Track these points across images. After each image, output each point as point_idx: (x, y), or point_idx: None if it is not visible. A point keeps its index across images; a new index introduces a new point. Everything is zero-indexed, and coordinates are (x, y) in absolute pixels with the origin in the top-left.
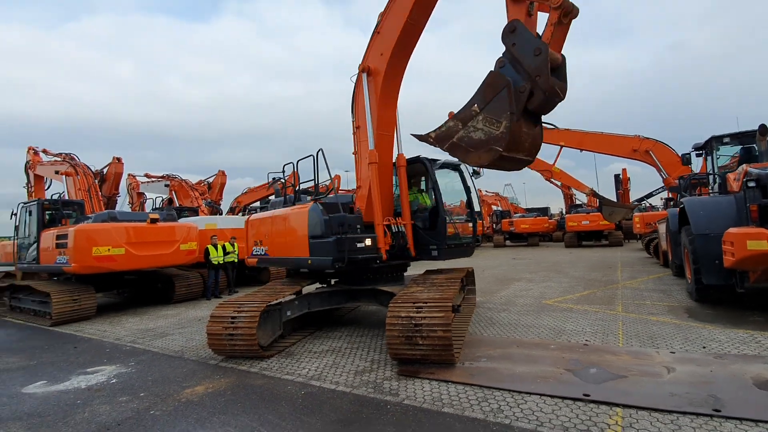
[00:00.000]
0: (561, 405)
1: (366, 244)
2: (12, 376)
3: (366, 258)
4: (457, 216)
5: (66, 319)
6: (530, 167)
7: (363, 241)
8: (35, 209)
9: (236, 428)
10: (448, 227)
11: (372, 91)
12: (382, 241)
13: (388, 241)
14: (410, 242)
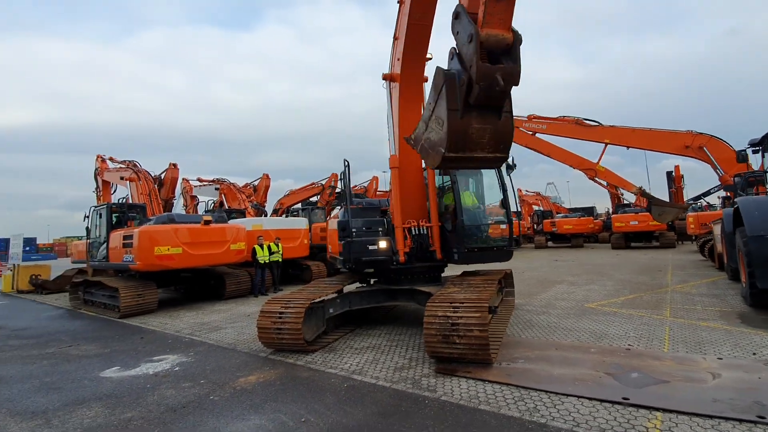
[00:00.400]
0: (599, 407)
1: (379, 246)
2: (91, 362)
3: (379, 260)
4: (495, 216)
5: (132, 312)
6: (573, 166)
7: (376, 244)
8: (105, 212)
9: (286, 415)
10: (474, 229)
11: (394, 96)
12: (401, 244)
13: (409, 244)
14: (436, 244)
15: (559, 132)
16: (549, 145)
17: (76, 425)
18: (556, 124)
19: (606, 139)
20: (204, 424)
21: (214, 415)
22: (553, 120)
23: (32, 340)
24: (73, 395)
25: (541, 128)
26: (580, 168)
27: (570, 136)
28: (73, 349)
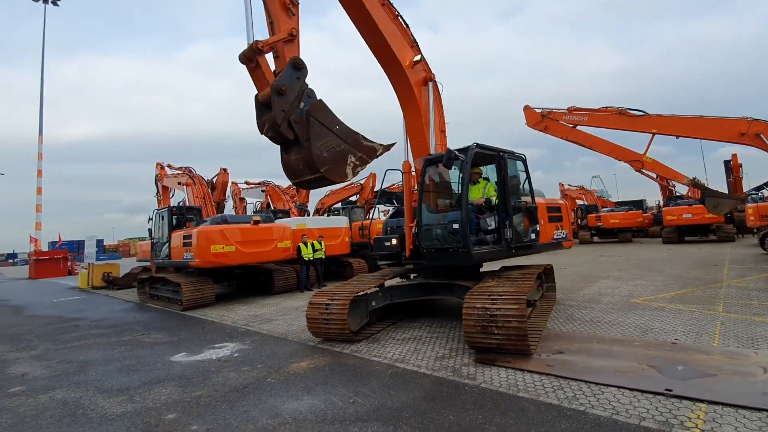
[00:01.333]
0: (640, 398)
1: (392, 243)
2: (161, 349)
3: (392, 254)
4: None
5: (193, 305)
6: (617, 158)
7: (390, 241)
8: (166, 215)
9: (336, 396)
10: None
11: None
12: (408, 241)
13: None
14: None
15: (602, 123)
16: (591, 137)
17: (155, 400)
18: (598, 115)
19: (653, 129)
20: (264, 403)
21: (271, 395)
22: (595, 111)
23: (110, 329)
24: (150, 376)
25: (582, 120)
26: (625, 160)
27: (614, 127)
28: (145, 337)
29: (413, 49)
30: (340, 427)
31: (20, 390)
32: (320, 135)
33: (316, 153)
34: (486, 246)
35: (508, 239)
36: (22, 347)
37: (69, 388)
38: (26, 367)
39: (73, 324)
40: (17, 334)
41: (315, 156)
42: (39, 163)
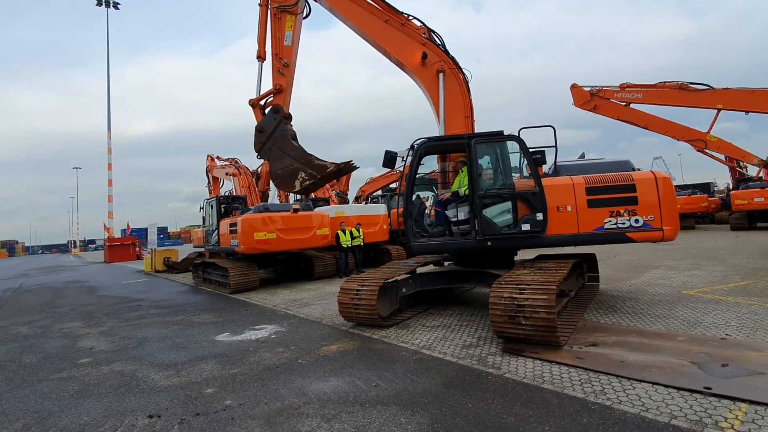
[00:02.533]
0: (674, 395)
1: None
2: (208, 328)
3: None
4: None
5: (239, 288)
6: (677, 137)
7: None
8: (215, 204)
9: (360, 379)
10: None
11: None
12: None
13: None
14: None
15: (659, 100)
16: (646, 116)
17: (198, 376)
18: (655, 92)
19: (718, 105)
20: (292, 382)
21: (300, 376)
22: (652, 87)
23: (166, 309)
24: (195, 353)
25: (637, 97)
26: (685, 139)
27: (673, 103)
28: (196, 317)
29: (424, 47)
30: (360, 409)
31: (87, 361)
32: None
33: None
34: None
35: (476, 231)
36: (92, 324)
37: (127, 361)
38: (94, 341)
39: (136, 304)
40: (90, 312)
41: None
42: (109, 157)
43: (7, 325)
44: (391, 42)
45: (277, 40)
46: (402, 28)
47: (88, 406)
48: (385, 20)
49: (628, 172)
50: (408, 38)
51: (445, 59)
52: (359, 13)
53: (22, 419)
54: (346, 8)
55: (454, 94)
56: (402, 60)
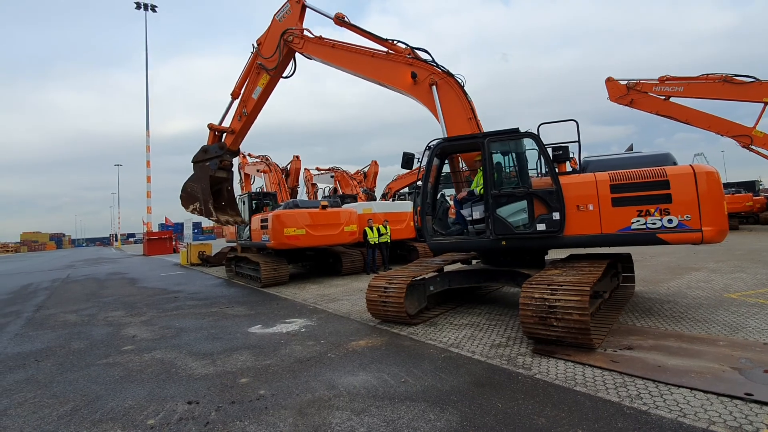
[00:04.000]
0: (713, 401)
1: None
2: (242, 320)
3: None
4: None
5: (270, 282)
6: (720, 133)
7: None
8: (246, 200)
9: (388, 374)
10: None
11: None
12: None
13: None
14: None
15: (702, 93)
16: (687, 110)
17: (232, 366)
18: (697, 84)
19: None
20: (322, 375)
21: (330, 369)
22: (693, 80)
23: (201, 301)
24: (230, 344)
25: (677, 91)
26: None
27: (717, 97)
28: (229, 309)
29: (411, 66)
30: (389, 404)
31: (130, 349)
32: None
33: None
34: (450, 237)
35: (490, 230)
36: (134, 313)
37: (166, 349)
38: (136, 330)
39: (173, 295)
40: (132, 302)
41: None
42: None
43: (56, 313)
44: (380, 73)
45: (248, 90)
46: (388, 56)
47: (132, 390)
48: (371, 55)
49: (661, 167)
50: (395, 64)
51: (434, 71)
52: (345, 57)
53: (72, 401)
54: (333, 56)
55: (451, 101)
56: (394, 85)
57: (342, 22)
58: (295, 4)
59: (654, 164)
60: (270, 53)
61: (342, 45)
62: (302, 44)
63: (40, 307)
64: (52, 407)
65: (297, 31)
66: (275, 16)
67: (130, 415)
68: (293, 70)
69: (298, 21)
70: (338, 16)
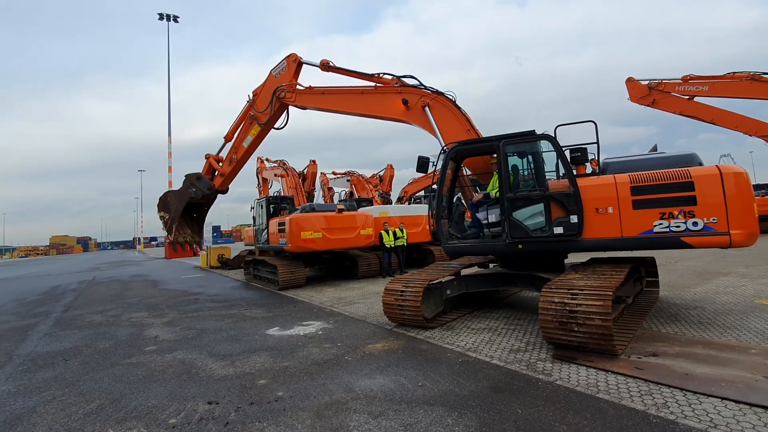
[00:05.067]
0: (747, 411)
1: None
2: (260, 323)
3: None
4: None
5: (287, 285)
6: (747, 132)
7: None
8: (264, 203)
9: (406, 378)
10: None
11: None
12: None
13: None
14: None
15: (728, 92)
16: (713, 110)
17: (251, 367)
18: (723, 83)
19: None
20: (340, 378)
21: (347, 372)
22: (719, 78)
23: (221, 303)
24: (248, 345)
25: (702, 90)
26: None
27: (744, 96)
28: (248, 311)
29: (401, 94)
30: (407, 408)
31: (152, 349)
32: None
33: (166, 194)
34: (465, 240)
35: (506, 233)
36: (156, 314)
37: (187, 350)
38: (158, 330)
39: (194, 297)
40: (154, 304)
41: (165, 194)
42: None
43: (83, 314)
44: (373, 107)
45: (239, 138)
46: (377, 89)
47: (155, 390)
48: (360, 92)
49: (685, 168)
50: (385, 95)
51: (424, 94)
52: (337, 100)
53: (97, 399)
54: (324, 102)
55: (446, 117)
56: (389, 116)
57: (328, 68)
58: (291, 63)
59: (678, 165)
60: (263, 107)
61: (331, 90)
62: (294, 97)
63: (68, 307)
64: (78, 405)
65: (287, 86)
66: (272, 71)
67: (153, 414)
68: (285, 122)
69: (293, 77)
70: (323, 63)
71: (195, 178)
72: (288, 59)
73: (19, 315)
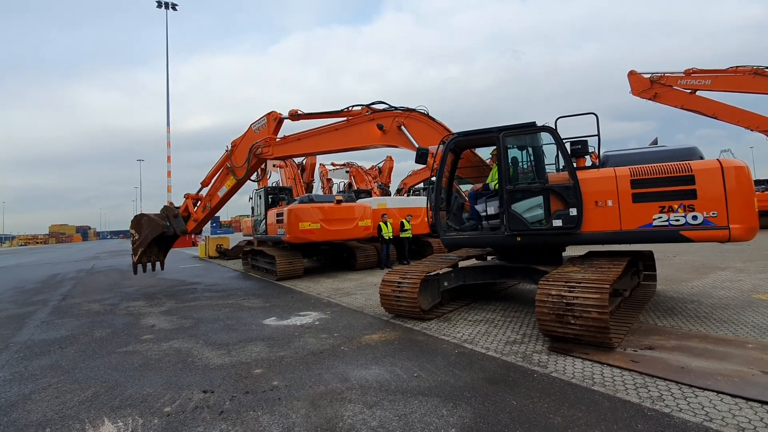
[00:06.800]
0: (743, 406)
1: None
2: (257, 312)
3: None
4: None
5: (285, 276)
6: (749, 127)
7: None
8: (263, 194)
9: (401, 369)
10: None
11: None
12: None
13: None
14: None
15: (730, 86)
16: (714, 104)
17: (247, 356)
18: (726, 77)
19: None
20: (335, 368)
21: (343, 362)
22: (722, 72)
23: (218, 293)
24: (245, 335)
25: (704, 84)
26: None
27: (747, 90)
28: (245, 301)
29: (373, 120)
30: (402, 398)
31: (149, 338)
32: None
33: (144, 216)
34: (464, 232)
35: (505, 226)
36: (154, 303)
37: (184, 339)
38: (155, 320)
39: (191, 287)
40: (152, 293)
41: (143, 215)
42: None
43: (81, 302)
44: (350, 139)
45: (214, 187)
46: (350, 122)
47: (150, 378)
48: (335, 129)
49: (686, 162)
50: (360, 126)
51: (396, 114)
52: (313, 142)
53: (93, 387)
54: (301, 147)
55: (422, 131)
56: (368, 143)
57: (296, 116)
58: (272, 121)
59: (679, 159)
60: (240, 162)
61: (306, 134)
62: (270, 151)
63: (66, 296)
64: (73, 392)
65: (263, 141)
66: (252, 126)
67: (148, 402)
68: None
69: (273, 133)
70: (292, 113)
71: (173, 215)
72: (268, 116)
73: (17, 303)
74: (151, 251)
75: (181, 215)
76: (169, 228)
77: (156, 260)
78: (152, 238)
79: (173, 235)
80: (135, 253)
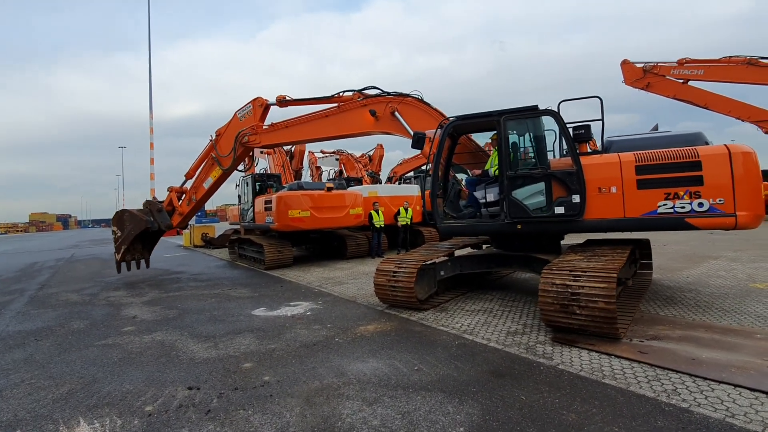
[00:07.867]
0: (764, 400)
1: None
2: (245, 303)
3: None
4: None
5: (273, 265)
6: (740, 118)
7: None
8: (250, 181)
9: (401, 362)
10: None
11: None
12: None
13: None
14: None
15: (723, 77)
16: (706, 94)
17: (235, 349)
18: (719, 68)
19: None
20: (331, 361)
21: (338, 355)
22: (715, 62)
23: (204, 283)
24: (233, 326)
25: (697, 74)
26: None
27: (740, 80)
28: (232, 291)
29: (366, 106)
30: (403, 394)
31: (130, 330)
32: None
33: (126, 212)
34: (462, 220)
35: (505, 213)
36: (136, 294)
37: (167, 331)
38: (137, 310)
39: (176, 276)
40: (134, 283)
41: (125, 211)
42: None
43: (58, 292)
44: (342, 126)
45: (199, 179)
46: (341, 108)
47: (131, 374)
48: (325, 116)
49: (693, 147)
50: (352, 112)
51: (389, 100)
52: (303, 129)
53: (68, 384)
54: (290, 135)
55: (417, 117)
56: (360, 130)
57: (284, 102)
58: (258, 107)
59: (684, 144)
60: (226, 151)
61: (295, 121)
62: (258, 139)
63: (44, 285)
64: (48, 389)
65: (250, 129)
66: (237, 113)
67: (128, 400)
68: (249, 166)
69: (260, 120)
70: (279, 99)
71: (156, 209)
72: (254, 102)
73: None
74: (135, 249)
75: (165, 209)
76: (152, 224)
77: (140, 258)
78: (135, 235)
79: (158, 231)
80: (118, 251)
